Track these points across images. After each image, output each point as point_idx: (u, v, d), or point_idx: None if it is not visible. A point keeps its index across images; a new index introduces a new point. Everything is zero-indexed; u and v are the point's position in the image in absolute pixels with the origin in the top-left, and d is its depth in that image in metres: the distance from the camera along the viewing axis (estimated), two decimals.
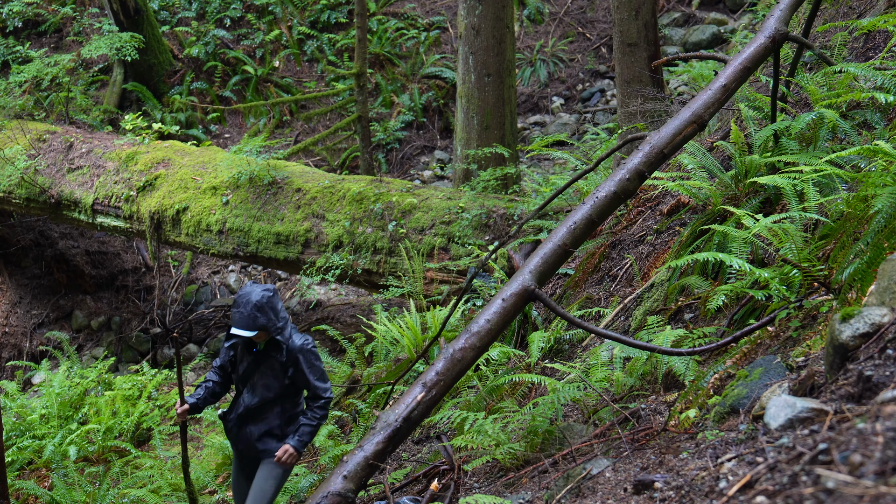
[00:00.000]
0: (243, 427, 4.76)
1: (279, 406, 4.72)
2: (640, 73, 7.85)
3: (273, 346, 4.62)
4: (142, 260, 12.70)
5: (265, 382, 4.67)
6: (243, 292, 4.52)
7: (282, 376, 4.64)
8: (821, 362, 3.14)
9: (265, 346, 4.64)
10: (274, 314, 4.52)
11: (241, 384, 4.79)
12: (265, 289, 4.54)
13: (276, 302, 4.55)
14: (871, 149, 3.72)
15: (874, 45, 6.06)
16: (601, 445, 4.25)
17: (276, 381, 4.65)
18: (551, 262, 4.43)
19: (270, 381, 4.66)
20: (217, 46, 14.62)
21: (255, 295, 4.48)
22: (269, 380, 4.66)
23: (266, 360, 4.65)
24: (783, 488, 2.03)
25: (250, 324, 4.45)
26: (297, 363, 4.60)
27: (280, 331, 4.57)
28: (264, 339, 4.61)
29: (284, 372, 4.63)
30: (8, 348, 11.85)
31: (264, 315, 4.48)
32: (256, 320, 4.45)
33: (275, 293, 4.56)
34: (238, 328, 4.47)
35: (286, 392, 4.69)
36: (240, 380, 4.79)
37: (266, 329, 4.51)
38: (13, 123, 11.24)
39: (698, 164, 5.69)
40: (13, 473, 7.43)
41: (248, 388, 4.73)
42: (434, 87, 14.41)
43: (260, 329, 4.49)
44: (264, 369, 4.66)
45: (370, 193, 8.90)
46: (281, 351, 4.59)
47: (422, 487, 5.09)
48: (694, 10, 14.75)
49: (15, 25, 14.26)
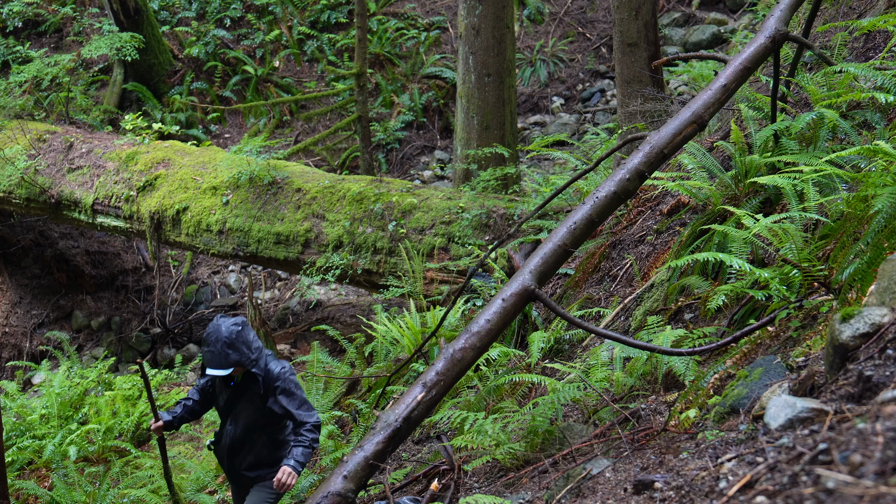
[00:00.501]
0: (233, 458, 4.71)
1: (265, 435, 4.66)
2: (641, 73, 7.85)
3: (250, 378, 4.55)
4: (142, 260, 12.70)
5: (247, 413, 4.60)
6: (211, 329, 4.42)
7: (262, 406, 4.56)
8: (821, 362, 3.14)
9: (242, 377, 4.57)
10: (246, 347, 4.43)
11: (224, 416, 4.73)
12: (234, 323, 4.44)
13: (247, 334, 4.46)
14: (871, 149, 3.72)
15: (874, 45, 6.06)
16: (601, 445, 4.25)
17: (258, 411, 4.58)
18: (551, 262, 4.43)
19: (252, 412, 4.59)
20: (217, 46, 14.62)
21: (224, 331, 4.38)
22: (250, 411, 4.59)
23: (245, 391, 4.58)
24: (783, 488, 2.03)
25: (223, 362, 4.38)
26: (275, 395, 4.51)
27: (255, 363, 4.48)
28: (241, 373, 4.54)
29: (264, 402, 4.55)
30: (8, 348, 11.85)
31: (236, 351, 4.39)
32: (229, 357, 4.38)
33: (244, 326, 4.46)
34: (212, 368, 4.39)
35: (270, 420, 4.62)
36: (221, 412, 4.74)
37: (240, 364, 4.43)
38: (13, 123, 11.25)
39: (698, 164, 5.69)
40: (13, 473, 7.43)
41: (231, 419, 4.67)
42: (434, 87, 14.41)
43: (234, 366, 4.41)
44: (244, 401, 4.59)
45: (370, 193, 8.90)
46: (258, 382, 4.51)
47: (422, 487, 5.09)
48: (694, 10, 14.75)
49: (15, 25, 14.26)
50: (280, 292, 12.14)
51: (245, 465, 4.68)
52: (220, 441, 4.76)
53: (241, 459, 4.68)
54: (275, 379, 4.51)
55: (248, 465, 4.68)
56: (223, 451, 4.74)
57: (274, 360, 4.59)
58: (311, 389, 7.21)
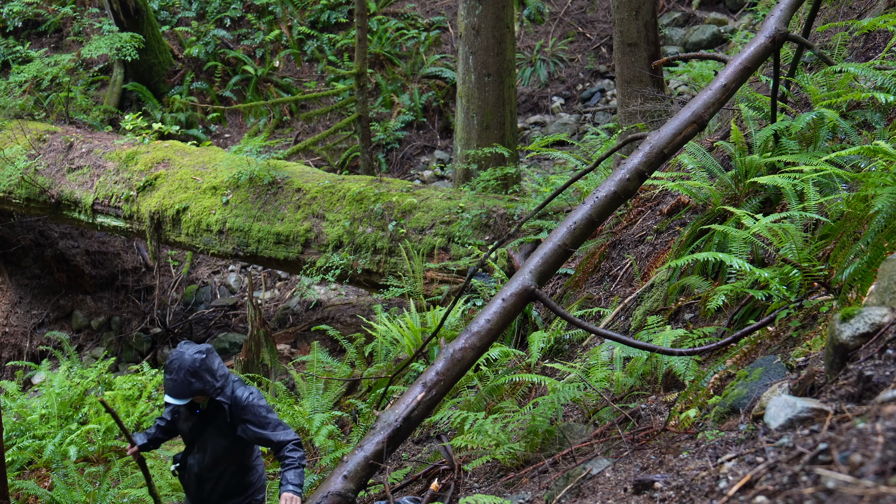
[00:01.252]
0: (201, 487, 4.59)
1: (234, 463, 4.55)
2: (641, 73, 7.85)
3: (216, 406, 4.40)
4: (142, 260, 12.71)
5: (216, 442, 4.47)
6: (174, 357, 4.26)
7: (230, 435, 4.43)
8: (821, 362, 3.14)
9: (208, 405, 4.43)
10: (210, 375, 4.27)
11: (189, 443, 4.58)
12: (198, 350, 4.27)
13: (212, 361, 4.29)
14: (871, 149, 3.72)
15: (874, 45, 6.06)
16: (601, 445, 4.25)
17: (226, 439, 4.45)
18: (551, 262, 4.43)
19: (220, 441, 4.46)
20: (217, 46, 14.63)
21: (188, 359, 4.21)
22: (218, 439, 4.46)
23: (212, 420, 4.44)
24: (783, 488, 2.03)
25: (185, 391, 4.22)
26: (244, 423, 4.37)
27: (219, 391, 4.32)
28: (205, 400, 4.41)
29: (233, 431, 4.41)
30: (8, 348, 11.85)
31: (199, 380, 4.23)
32: (191, 386, 4.21)
33: (208, 353, 4.30)
34: (172, 397, 4.23)
35: (238, 448, 4.51)
36: (187, 439, 4.59)
37: (203, 393, 4.28)
38: (13, 123, 11.25)
39: (698, 164, 5.69)
40: (13, 473, 7.42)
41: (199, 447, 4.53)
42: (434, 87, 14.41)
43: (196, 394, 4.26)
44: (212, 430, 4.46)
45: (370, 193, 8.90)
46: (224, 411, 4.36)
47: (422, 487, 5.09)
48: (694, 10, 14.75)
49: (15, 25, 14.26)
50: (280, 292, 12.14)
51: (215, 495, 4.57)
52: (185, 468, 4.62)
53: (211, 489, 4.56)
54: (242, 408, 4.36)
55: (218, 494, 4.57)
56: (190, 480, 4.61)
57: (241, 387, 4.43)
58: (311, 389, 7.21)
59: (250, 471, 4.64)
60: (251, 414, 4.35)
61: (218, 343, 11.33)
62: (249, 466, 4.63)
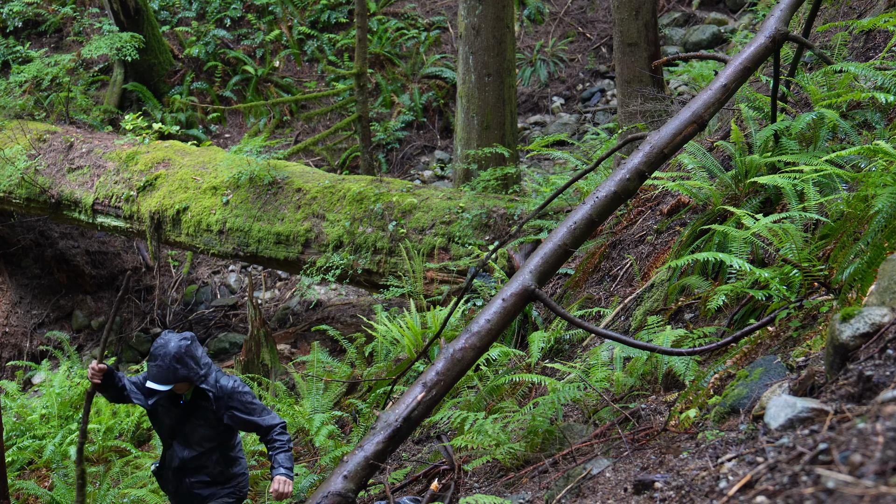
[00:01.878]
0: (182, 480, 4.58)
1: (217, 453, 4.55)
2: (641, 73, 7.85)
3: (200, 395, 4.41)
4: (142, 260, 12.71)
5: (201, 433, 4.47)
6: (159, 344, 4.29)
7: (216, 424, 4.45)
8: (821, 362, 3.14)
9: (192, 395, 4.43)
10: (195, 362, 4.30)
11: (171, 437, 4.56)
12: (182, 338, 4.31)
13: (196, 349, 4.34)
14: (872, 149, 3.72)
15: (874, 45, 6.06)
16: (601, 445, 4.25)
17: (212, 429, 4.47)
18: (551, 262, 4.43)
19: (205, 432, 4.47)
20: (217, 46, 14.62)
21: (173, 346, 4.25)
22: (203, 430, 4.47)
23: (196, 410, 4.45)
24: (783, 488, 2.03)
25: (169, 377, 4.24)
26: (231, 410, 4.41)
27: (203, 378, 4.35)
28: (188, 390, 4.42)
29: (219, 419, 4.43)
30: (8, 348, 11.85)
31: (184, 366, 4.26)
32: (176, 372, 4.24)
33: (192, 341, 4.34)
34: (155, 382, 4.24)
35: (222, 438, 4.53)
36: (168, 434, 4.56)
37: (188, 380, 4.30)
38: (13, 123, 11.25)
39: (698, 164, 5.69)
40: (13, 473, 7.43)
41: (180, 440, 4.52)
42: (434, 87, 14.41)
43: (180, 381, 4.29)
44: (196, 420, 4.46)
45: (370, 193, 8.90)
46: (209, 399, 4.38)
47: (422, 487, 5.09)
48: (694, 10, 14.75)
49: (15, 25, 14.26)
50: (280, 292, 12.15)
51: (198, 484, 4.56)
52: (166, 466, 4.61)
53: (193, 480, 4.56)
54: (228, 395, 4.40)
55: (201, 484, 4.56)
56: (169, 477, 4.60)
57: (224, 376, 4.47)
58: (312, 389, 7.22)
59: (234, 462, 4.65)
60: (237, 401, 4.42)
61: (218, 343, 11.33)
62: (233, 458, 4.64)
